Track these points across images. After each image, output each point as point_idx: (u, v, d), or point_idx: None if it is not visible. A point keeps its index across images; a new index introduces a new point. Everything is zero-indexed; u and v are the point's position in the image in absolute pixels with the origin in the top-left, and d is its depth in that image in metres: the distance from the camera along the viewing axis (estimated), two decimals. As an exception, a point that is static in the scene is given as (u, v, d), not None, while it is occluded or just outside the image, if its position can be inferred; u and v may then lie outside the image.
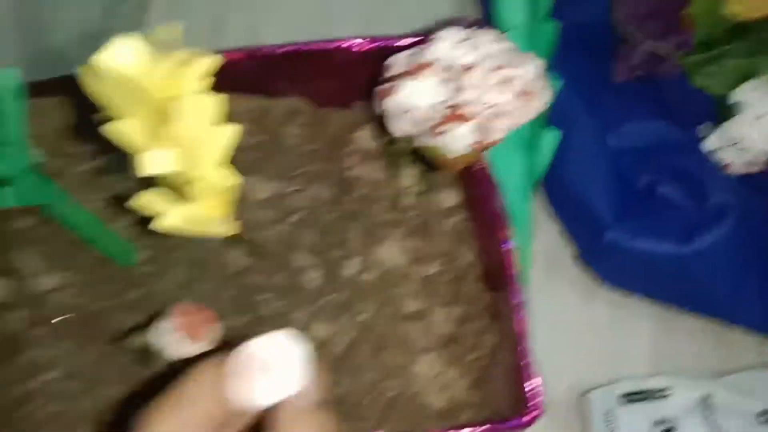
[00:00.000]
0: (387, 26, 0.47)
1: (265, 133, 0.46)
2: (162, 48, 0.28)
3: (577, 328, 0.50)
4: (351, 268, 0.43)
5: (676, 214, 0.45)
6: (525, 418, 0.35)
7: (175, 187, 0.31)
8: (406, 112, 0.35)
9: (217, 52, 0.41)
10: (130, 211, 0.44)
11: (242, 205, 0.44)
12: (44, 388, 0.41)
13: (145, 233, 0.44)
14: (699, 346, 0.49)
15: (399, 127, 0.36)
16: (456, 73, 0.34)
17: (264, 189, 0.45)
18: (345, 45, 0.43)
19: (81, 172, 0.45)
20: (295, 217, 0.44)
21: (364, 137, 0.47)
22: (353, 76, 0.45)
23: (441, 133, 0.34)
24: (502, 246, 0.39)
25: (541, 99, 0.35)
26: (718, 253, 0.44)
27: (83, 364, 0.41)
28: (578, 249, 0.51)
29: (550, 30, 0.48)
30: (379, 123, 0.47)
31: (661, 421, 0.45)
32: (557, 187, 0.50)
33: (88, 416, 0.40)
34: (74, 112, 0.45)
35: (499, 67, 0.33)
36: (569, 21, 0.50)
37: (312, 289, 0.43)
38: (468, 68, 0.33)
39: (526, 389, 0.36)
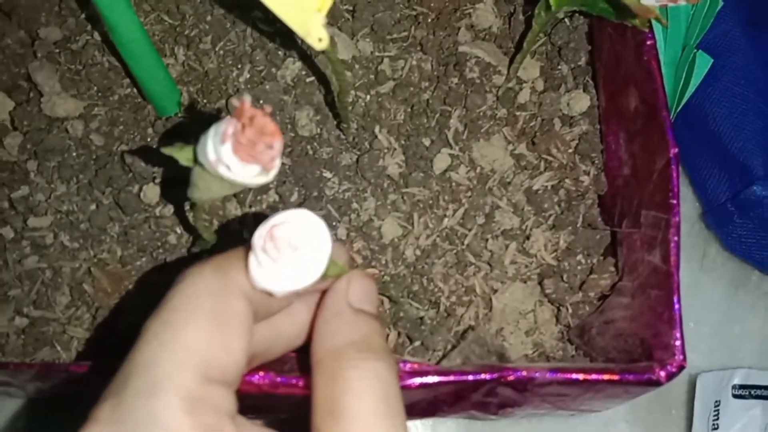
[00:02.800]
0: None
1: (365, -17, 0.37)
2: None
3: (690, 301, 0.40)
4: (443, 161, 0.34)
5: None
6: (656, 374, 0.26)
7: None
8: None
9: None
10: (187, 45, 0.36)
11: (330, 58, 0.34)
12: (28, 236, 0.32)
13: (196, 76, 0.35)
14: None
15: None
16: None
17: (352, 47, 0.35)
18: None
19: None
20: (384, 88, 0.35)
21: (484, 12, 0.37)
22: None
23: None
24: (668, 152, 0.29)
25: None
26: None
27: (80, 216, 0.32)
28: (704, 206, 0.41)
29: None
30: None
31: (781, 429, 0.36)
32: (697, 125, 0.40)
33: (72, 280, 0.32)
34: None
35: None
36: None
37: (390, 177, 0.33)
38: None
39: (669, 337, 0.26)
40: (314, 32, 0.25)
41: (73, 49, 0.35)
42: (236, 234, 0.32)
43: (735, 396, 0.36)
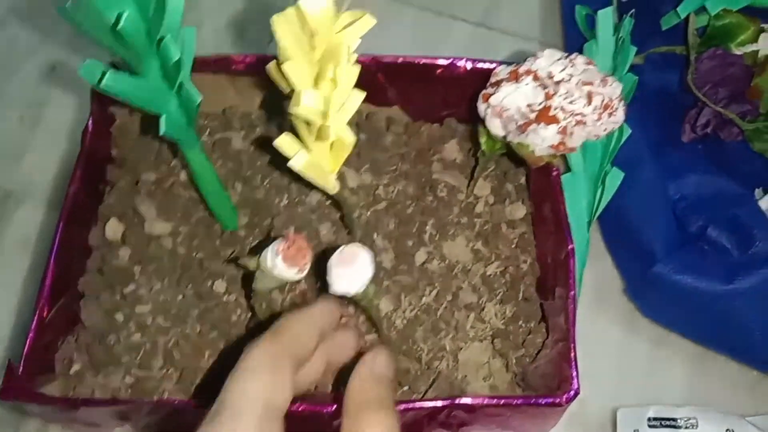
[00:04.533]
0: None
1: (367, 133, 0.51)
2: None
3: (617, 354, 0.52)
4: (421, 256, 0.47)
5: (721, 256, 0.48)
6: (559, 399, 0.38)
7: (307, 136, 0.37)
8: (504, 110, 0.39)
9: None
10: (243, 183, 0.51)
11: (338, 194, 0.49)
12: (134, 319, 0.45)
13: (248, 203, 0.50)
14: (732, 388, 0.50)
15: (497, 125, 0.41)
16: (550, 83, 0.38)
17: (357, 178, 0.50)
18: (456, 62, 0.47)
19: (207, 142, 0.51)
20: (380, 206, 0.49)
21: (450, 149, 0.51)
22: (450, 94, 0.50)
23: (530, 131, 0.39)
24: (566, 247, 0.43)
25: (618, 117, 0.40)
26: (758, 295, 0.46)
27: (172, 304, 0.46)
28: (625, 282, 0.54)
29: (630, 82, 0.53)
30: (464, 138, 0.52)
31: (685, 450, 0.47)
32: (616, 222, 0.52)
33: (165, 350, 0.45)
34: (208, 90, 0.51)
35: (587, 83, 0.38)
36: (647, 82, 0.55)
37: (385, 268, 0.47)
38: (560, 80, 0.38)
39: (569, 373, 0.39)
40: (329, 185, 0.39)
41: (165, 187, 0.50)
42: (278, 313, 0.46)
43: (650, 426, 0.48)
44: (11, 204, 0.58)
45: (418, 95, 0.50)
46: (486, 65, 0.46)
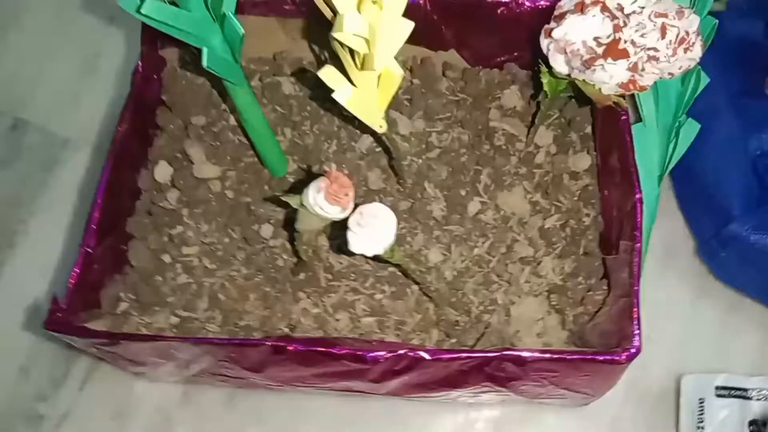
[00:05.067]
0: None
1: (421, 78, 0.49)
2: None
3: (685, 318, 0.48)
4: (474, 206, 0.45)
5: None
6: (618, 356, 0.35)
7: (353, 68, 0.35)
8: (569, 44, 0.36)
9: None
10: (292, 128, 0.49)
11: (388, 137, 0.47)
12: (181, 261, 0.45)
13: (298, 149, 0.48)
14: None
15: (560, 61, 0.38)
16: (619, 14, 0.35)
17: (409, 125, 0.48)
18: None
19: (256, 87, 0.50)
20: (432, 154, 0.47)
21: (510, 96, 0.48)
22: (511, 36, 0.47)
23: (597, 67, 0.35)
24: (633, 197, 0.39)
25: (695, 53, 0.36)
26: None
27: (218, 246, 0.45)
28: (698, 242, 0.50)
29: (708, 25, 0.49)
30: (525, 85, 0.49)
31: (756, 422, 0.43)
32: (689, 177, 0.49)
33: (211, 292, 0.44)
34: (260, 34, 0.50)
35: (660, 15, 0.34)
36: (728, 28, 0.50)
37: (435, 218, 0.45)
38: (631, 12, 0.35)
39: (630, 330, 0.36)
40: (376, 122, 0.37)
41: (214, 131, 0.49)
42: (324, 258, 0.44)
43: (717, 396, 0.45)
44: (69, 151, 0.58)
45: (477, 37, 0.47)
46: (550, 2, 0.43)
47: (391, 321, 0.43)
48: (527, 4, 0.45)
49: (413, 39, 0.48)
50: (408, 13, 0.46)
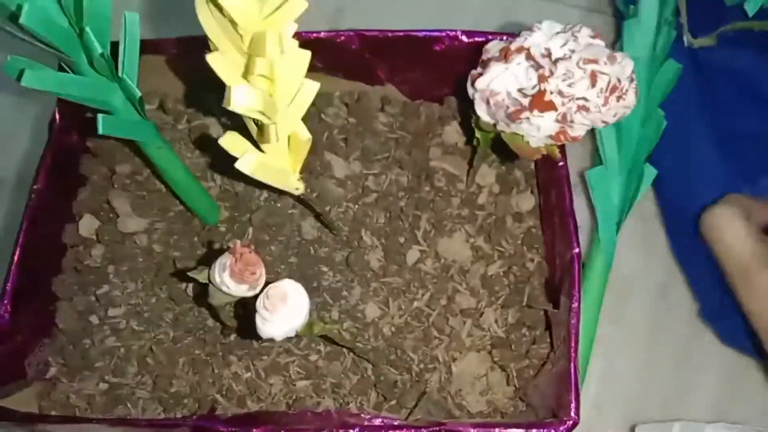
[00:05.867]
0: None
1: (357, 116, 0.46)
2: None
3: (640, 360, 0.46)
4: (413, 255, 0.43)
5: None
6: (561, 427, 0.33)
7: (257, 134, 0.32)
8: (493, 95, 0.34)
9: (332, 31, 0.43)
10: (219, 176, 0.46)
11: (321, 180, 0.45)
12: (108, 323, 0.42)
13: (228, 196, 0.46)
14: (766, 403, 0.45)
15: (485, 112, 0.35)
16: (546, 62, 0.32)
17: (345, 168, 0.45)
18: (451, 34, 0.42)
19: (183, 130, 0.47)
20: (369, 199, 0.44)
21: (451, 132, 0.46)
22: (450, 70, 0.44)
23: (524, 119, 0.33)
24: (571, 251, 0.37)
25: (629, 101, 0.33)
26: None
27: (144, 307, 0.43)
28: (700, 305, 0.47)
29: (671, 70, 0.47)
30: (467, 119, 0.47)
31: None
32: (685, 240, 0.47)
33: (140, 356, 0.42)
34: (187, 73, 0.47)
35: (591, 61, 0.32)
36: (721, 66, 0.49)
37: (373, 269, 0.43)
38: (559, 59, 0.32)
39: (568, 399, 0.34)
40: (291, 186, 0.34)
41: (140, 180, 0.46)
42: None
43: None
44: (4, 191, 0.55)
45: (414, 72, 0.45)
46: (483, 38, 0.40)
47: (327, 383, 0.40)
48: (464, 39, 0.42)
49: (348, 75, 0.46)
50: (339, 52, 0.43)
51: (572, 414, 0.33)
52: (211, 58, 0.27)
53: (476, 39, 0.41)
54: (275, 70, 0.27)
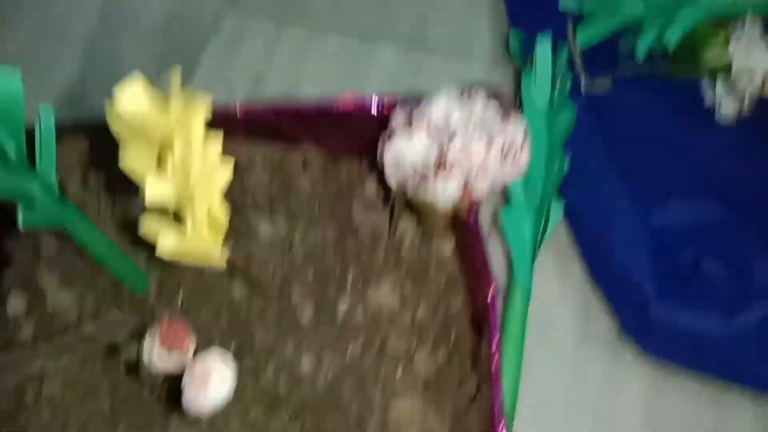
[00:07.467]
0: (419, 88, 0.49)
1: (280, 178, 0.48)
2: (168, 90, 0.31)
3: (569, 383, 0.49)
4: (344, 306, 0.45)
5: (720, 292, 0.45)
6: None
7: (176, 219, 0.34)
8: (399, 165, 0.37)
9: (248, 103, 0.45)
10: (147, 244, 0.47)
11: (248, 241, 0.46)
12: (43, 398, 0.42)
13: (156, 264, 0.47)
14: (694, 410, 0.47)
15: (394, 179, 0.38)
16: (445, 132, 0.35)
17: (271, 228, 0.47)
18: (359, 103, 0.45)
19: (104, 205, 0.48)
20: (296, 257, 0.46)
21: (371, 187, 0.48)
22: (363, 131, 0.47)
23: (429, 186, 0.36)
24: (487, 294, 0.40)
25: (522, 161, 0.37)
26: (763, 331, 0.44)
27: (80, 378, 0.43)
28: (620, 323, 0.50)
29: (568, 116, 0.51)
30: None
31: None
32: (601, 263, 0.50)
33: (77, 428, 0.42)
34: (101, 152, 0.48)
35: (485, 128, 0.35)
36: (619, 106, 0.53)
37: (304, 323, 0.44)
38: (457, 127, 0.35)
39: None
40: (214, 261, 0.36)
41: (66, 253, 0.47)
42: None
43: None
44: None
45: (331, 138, 0.47)
46: (391, 105, 0.43)
47: (267, 439, 0.41)
48: (372, 110, 0.45)
49: (269, 140, 0.48)
50: (257, 122, 0.46)
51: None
52: (122, 154, 0.29)
53: (384, 107, 0.44)
54: (187, 165, 0.29)
